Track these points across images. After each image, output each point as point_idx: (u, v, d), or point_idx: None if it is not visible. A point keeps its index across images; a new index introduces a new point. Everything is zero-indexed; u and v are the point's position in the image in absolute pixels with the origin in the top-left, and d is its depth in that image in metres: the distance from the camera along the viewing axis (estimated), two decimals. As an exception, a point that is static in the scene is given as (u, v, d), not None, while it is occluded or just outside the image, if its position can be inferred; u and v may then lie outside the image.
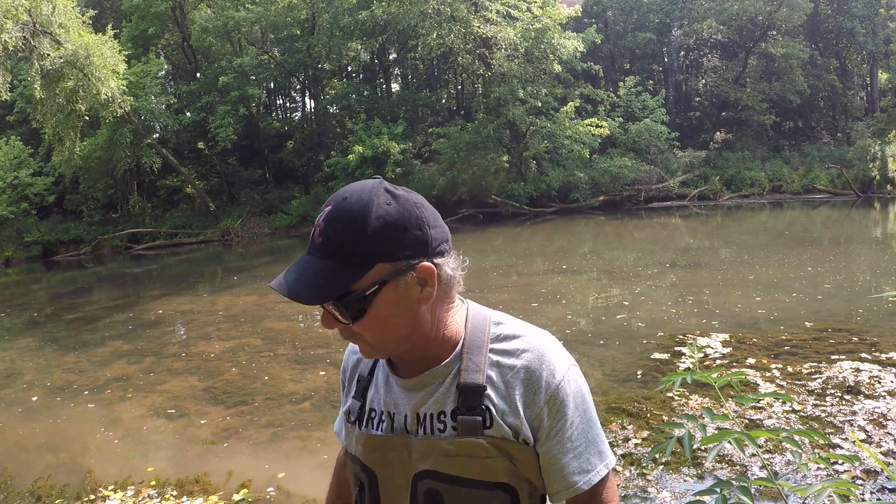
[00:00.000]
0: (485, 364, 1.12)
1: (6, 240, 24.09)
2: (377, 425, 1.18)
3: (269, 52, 27.72)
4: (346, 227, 1.03)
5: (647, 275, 10.76)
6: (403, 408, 1.16)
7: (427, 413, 1.13)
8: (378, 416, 1.19)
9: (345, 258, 1.03)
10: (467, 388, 1.11)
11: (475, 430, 1.10)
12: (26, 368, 7.57)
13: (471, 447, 1.09)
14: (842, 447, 3.76)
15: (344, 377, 1.31)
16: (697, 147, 28.42)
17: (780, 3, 26.88)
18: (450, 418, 1.12)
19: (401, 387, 1.17)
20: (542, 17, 22.20)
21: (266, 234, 24.60)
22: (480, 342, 1.14)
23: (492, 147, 23.58)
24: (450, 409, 1.12)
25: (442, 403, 1.13)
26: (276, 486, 4.01)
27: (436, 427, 1.12)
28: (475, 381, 1.11)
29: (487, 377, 1.12)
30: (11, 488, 4.25)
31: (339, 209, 1.04)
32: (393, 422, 1.17)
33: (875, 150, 25.12)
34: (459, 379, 1.12)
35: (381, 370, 1.23)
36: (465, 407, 1.11)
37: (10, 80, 19.96)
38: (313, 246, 1.06)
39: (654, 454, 3.78)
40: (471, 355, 1.13)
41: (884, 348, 5.62)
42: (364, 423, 1.21)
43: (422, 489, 1.13)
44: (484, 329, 1.16)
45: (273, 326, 8.70)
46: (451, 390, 1.13)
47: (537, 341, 1.15)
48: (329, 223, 1.05)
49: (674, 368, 5.55)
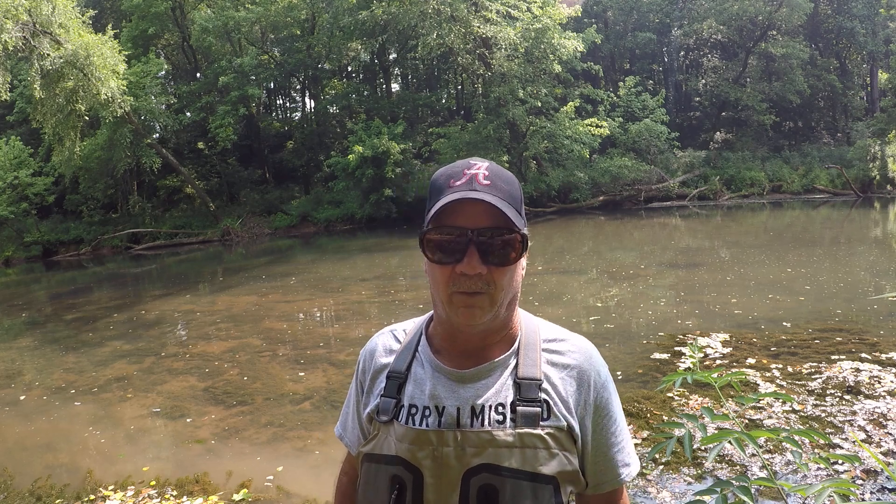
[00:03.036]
0: (540, 360, 1.18)
1: (6, 240, 24.10)
2: (421, 421, 1.16)
3: (269, 52, 27.72)
4: (508, 182, 1.13)
5: (647, 275, 10.76)
6: (455, 401, 1.15)
7: (485, 405, 1.15)
8: (421, 411, 1.17)
9: (515, 205, 1.12)
10: (525, 381, 1.16)
11: (535, 421, 1.13)
12: (26, 368, 7.57)
13: (530, 438, 1.12)
14: (842, 447, 3.76)
15: (364, 378, 1.28)
16: (697, 147, 28.42)
17: (780, 3, 26.88)
18: (509, 409, 1.14)
19: (453, 380, 1.17)
20: (542, 17, 22.20)
21: (266, 234, 24.60)
22: (535, 341, 1.21)
23: (492, 147, 23.58)
24: (509, 400, 1.15)
25: (501, 395, 1.15)
26: (277, 486, 4.01)
27: (494, 419, 1.14)
28: (533, 375, 1.16)
29: (543, 373, 1.17)
30: (11, 488, 4.25)
31: (495, 168, 1.14)
32: (441, 416, 1.15)
33: (875, 150, 25.12)
34: (518, 372, 1.17)
35: (421, 366, 1.22)
36: (524, 399, 1.14)
37: (10, 80, 19.95)
38: (483, 185, 1.11)
39: (655, 454, 3.78)
40: (527, 351, 1.19)
41: (884, 348, 5.62)
42: (404, 419, 1.17)
43: (475, 485, 1.11)
44: (536, 330, 1.23)
45: (273, 326, 8.70)
46: (509, 383, 1.17)
47: (583, 345, 1.24)
48: (494, 174, 1.13)
49: (674, 368, 5.55)
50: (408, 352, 1.24)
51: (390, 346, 1.28)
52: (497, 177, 1.13)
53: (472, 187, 1.10)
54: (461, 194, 1.09)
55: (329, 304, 10.40)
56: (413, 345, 1.25)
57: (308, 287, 12.08)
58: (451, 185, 1.12)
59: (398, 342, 1.28)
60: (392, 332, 1.31)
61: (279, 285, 12.43)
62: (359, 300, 10.16)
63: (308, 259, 17.68)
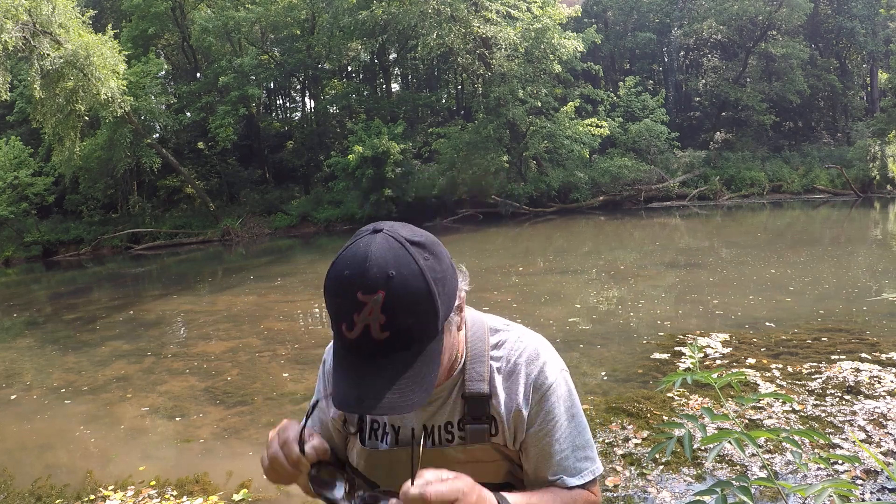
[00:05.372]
0: (487, 372, 1.14)
1: (6, 240, 24.09)
2: (381, 438, 1.19)
3: (269, 52, 27.72)
4: (413, 311, 0.92)
5: (647, 275, 10.75)
6: (410, 421, 1.16)
7: (435, 425, 1.15)
8: (381, 428, 1.19)
9: (421, 341, 0.95)
10: (473, 397, 1.14)
11: (482, 437, 1.14)
12: (26, 368, 7.57)
13: (479, 453, 1.13)
14: (842, 447, 3.76)
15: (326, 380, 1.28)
16: (697, 147, 28.41)
17: (780, 3, 26.87)
18: (457, 428, 1.14)
19: None
20: (542, 17, 22.19)
21: (266, 234, 24.60)
22: (482, 351, 1.16)
23: (492, 147, 23.57)
24: (457, 419, 1.14)
25: (449, 414, 1.15)
26: (277, 485, 4.00)
27: (444, 437, 1.15)
28: (480, 391, 1.13)
29: (490, 385, 1.14)
30: (11, 488, 4.25)
31: (396, 293, 0.90)
32: (398, 435, 1.17)
33: (875, 150, 25.11)
34: (464, 389, 1.14)
35: None
36: (471, 416, 1.13)
37: (10, 80, 19.95)
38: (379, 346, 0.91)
39: (654, 454, 3.78)
40: (474, 365, 1.15)
41: (884, 348, 5.62)
42: (367, 437, 1.20)
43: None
44: (483, 337, 1.17)
45: (273, 326, 8.70)
46: (457, 401, 1.15)
47: (533, 345, 1.18)
48: (395, 312, 0.90)
49: (674, 368, 5.55)
50: None
51: None
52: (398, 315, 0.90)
53: (368, 353, 0.92)
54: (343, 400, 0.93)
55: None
56: None
57: (308, 287, 12.07)
58: (345, 335, 0.92)
59: None
60: None
61: (279, 285, 12.43)
62: (359, 300, 10.14)
63: (308, 259, 17.68)
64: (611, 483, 3.54)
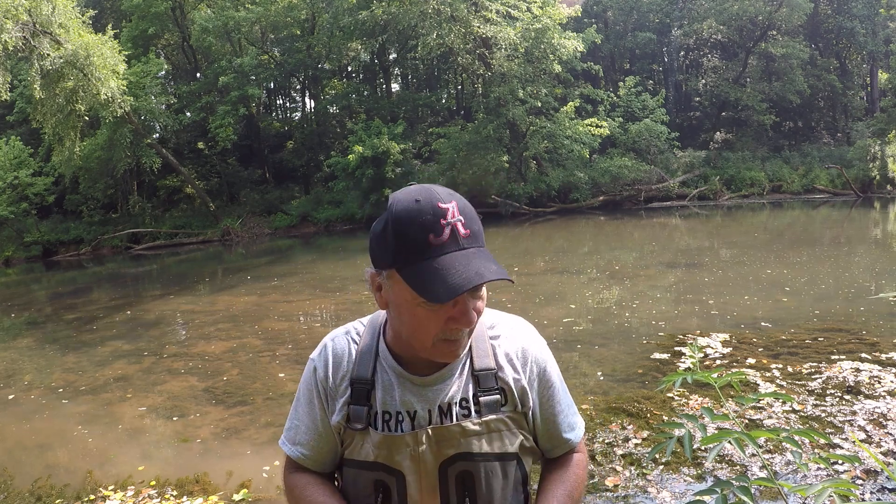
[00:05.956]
0: (490, 349, 1.27)
1: (6, 240, 24.10)
2: (396, 427, 1.23)
3: (269, 52, 27.72)
4: (475, 219, 1.13)
5: (647, 275, 10.76)
6: (425, 404, 1.23)
7: (451, 402, 1.23)
8: (394, 416, 1.24)
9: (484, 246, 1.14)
10: (482, 372, 1.25)
11: (496, 408, 1.24)
12: (26, 368, 7.57)
13: (494, 423, 1.24)
14: (842, 447, 3.76)
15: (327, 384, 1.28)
16: (697, 147, 28.41)
17: (780, 3, 26.87)
18: (472, 402, 1.24)
19: (419, 385, 1.24)
20: (542, 17, 22.19)
21: (266, 234, 24.60)
22: (482, 333, 1.29)
23: (492, 147, 23.57)
24: (471, 394, 1.24)
25: (462, 391, 1.24)
26: (277, 485, 4.00)
27: (460, 413, 1.23)
28: (488, 366, 1.25)
29: (496, 360, 1.26)
30: (11, 488, 4.25)
31: (463, 204, 1.12)
32: (413, 419, 1.23)
33: (875, 150, 25.11)
34: (473, 366, 1.25)
35: (384, 374, 1.25)
36: (483, 389, 1.24)
37: (10, 80, 19.95)
38: (466, 239, 1.09)
39: (655, 454, 3.78)
40: (478, 343, 1.27)
41: (884, 348, 5.61)
42: (381, 427, 1.23)
43: (452, 473, 1.22)
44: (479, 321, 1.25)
45: (273, 326, 8.69)
46: (468, 378, 1.25)
47: (521, 326, 1.33)
48: (467, 217, 1.10)
49: (674, 368, 5.55)
50: (368, 358, 1.27)
51: (347, 350, 1.30)
52: (470, 219, 1.11)
53: (460, 246, 1.08)
54: (465, 279, 1.05)
55: (329, 304, 10.40)
56: (372, 351, 1.28)
57: (308, 287, 12.07)
58: (434, 243, 1.07)
59: (355, 344, 1.30)
60: (347, 336, 1.32)
61: (279, 285, 12.43)
62: (359, 300, 10.15)
63: (308, 259, 17.68)
64: (611, 483, 3.54)
